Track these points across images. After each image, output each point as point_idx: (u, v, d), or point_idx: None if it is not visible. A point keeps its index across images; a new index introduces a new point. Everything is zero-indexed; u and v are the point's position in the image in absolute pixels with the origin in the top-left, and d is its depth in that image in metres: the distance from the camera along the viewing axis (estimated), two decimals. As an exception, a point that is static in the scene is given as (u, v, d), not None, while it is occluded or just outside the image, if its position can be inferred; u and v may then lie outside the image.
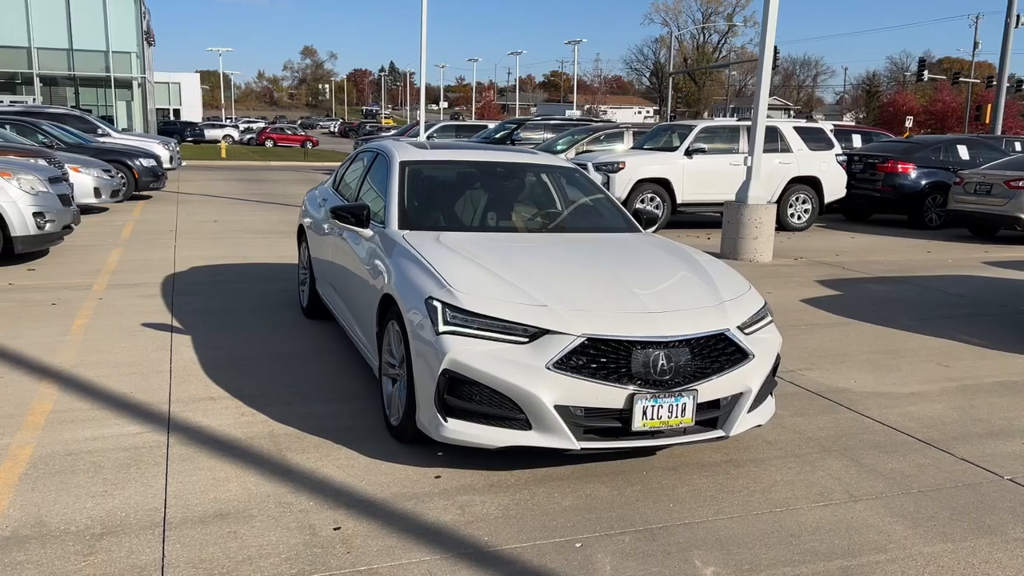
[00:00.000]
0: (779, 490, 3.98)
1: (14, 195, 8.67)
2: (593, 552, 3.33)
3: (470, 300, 3.90)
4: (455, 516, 3.59)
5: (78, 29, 37.30)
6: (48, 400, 4.86)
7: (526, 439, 3.77)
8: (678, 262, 4.70)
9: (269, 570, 3.11)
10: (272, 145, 55.91)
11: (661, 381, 3.79)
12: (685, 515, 3.68)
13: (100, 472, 3.90)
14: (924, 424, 4.95)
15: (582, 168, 13.71)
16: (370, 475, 3.97)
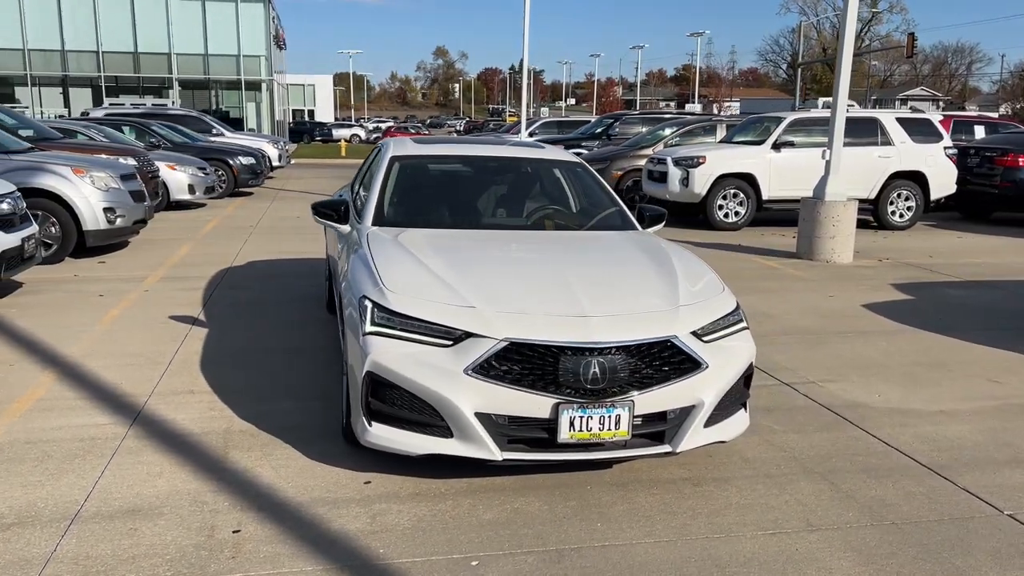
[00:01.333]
0: (728, 514, 3.63)
1: (86, 191, 9.14)
2: (485, 572, 3.12)
3: (398, 300, 3.75)
4: (363, 525, 3.46)
5: (213, 35, 39.39)
6: (42, 388, 5.05)
7: (447, 447, 3.59)
8: (648, 263, 4.39)
9: (146, 571, 3.07)
10: (396, 143, 57.31)
11: (593, 390, 3.52)
12: (608, 536, 3.40)
13: (46, 462, 3.99)
14: (937, 447, 4.43)
15: (661, 163, 13.36)
16: (301, 477, 3.89)
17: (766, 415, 4.84)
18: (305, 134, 54.44)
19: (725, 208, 13.20)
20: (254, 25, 39.93)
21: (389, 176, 5.29)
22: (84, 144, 12.19)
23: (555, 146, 6.16)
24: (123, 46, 38.56)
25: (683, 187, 13.15)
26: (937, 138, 13.96)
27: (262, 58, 40.14)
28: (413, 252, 4.24)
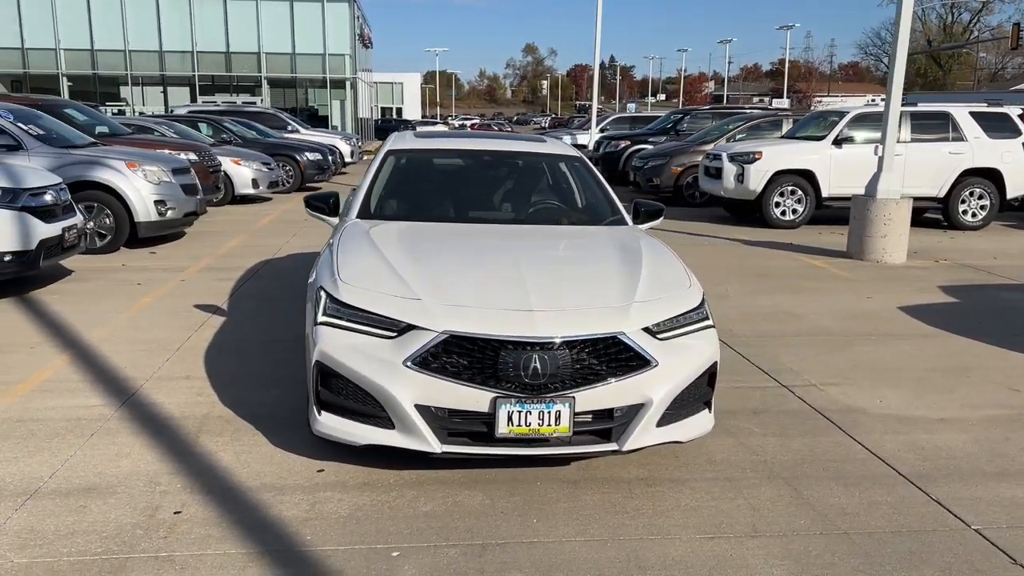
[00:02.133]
0: (672, 516, 3.54)
1: (138, 184, 9.54)
2: (403, 563, 3.13)
3: (348, 291, 3.79)
4: (301, 512, 3.51)
5: (300, 35, 40.45)
6: (50, 370, 5.30)
7: (388, 438, 3.61)
8: (615, 259, 4.30)
9: (80, 546, 3.19)
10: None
11: (534, 385, 3.49)
12: (540, 534, 3.37)
13: (29, 440, 4.20)
14: (924, 456, 4.21)
15: (716, 159, 13.07)
16: (258, 463, 3.97)
17: (750, 417, 4.69)
18: (390, 132, 55.26)
19: (782, 206, 12.82)
20: (339, 24, 40.81)
21: (381, 169, 5.35)
22: (146, 139, 12.72)
23: (558, 140, 6.10)
24: (216, 46, 39.99)
25: (738, 183, 12.83)
26: (1015, 133, 13.22)
27: (346, 56, 41.00)
28: (379, 245, 4.27)
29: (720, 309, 7.22)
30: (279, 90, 44.94)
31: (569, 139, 25.62)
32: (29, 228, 6.95)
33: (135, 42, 39.60)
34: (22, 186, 7.04)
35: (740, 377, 5.41)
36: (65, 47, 39.32)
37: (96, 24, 39.21)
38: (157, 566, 3.07)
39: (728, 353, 5.92)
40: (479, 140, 5.81)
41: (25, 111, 10.12)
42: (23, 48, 39.18)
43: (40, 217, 7.13)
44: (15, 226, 6.84)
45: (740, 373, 5.49)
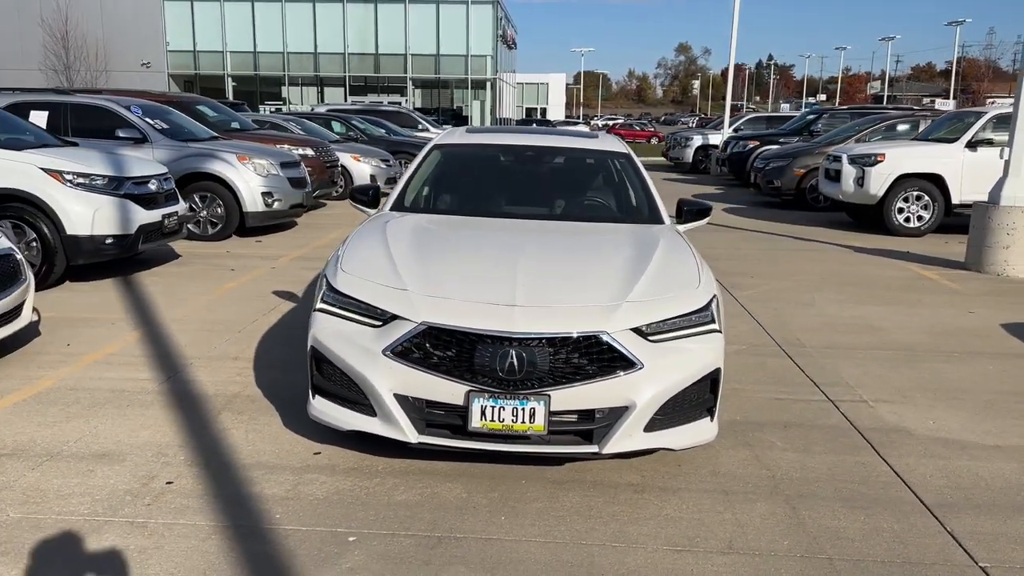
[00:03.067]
0: (647, 525, 3.41)
1: (247, 176, 10.10)
2: (355, 548, 3.17)
3: (346, 281, 3.87)
4: (281, 491, 3.62)
5: (444, 36, 41.55)
6: (119, 344, 5.71)
7: (370, 425, 3.66)
8: (626, 257, 4.15)
9: (70, 507, 3.43)
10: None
11: (510, 381, 3.45)
12: (502, 531, 3.32)
13: (72, 407, 4.54)
14: (957, 484, 3.85)
15: (836, 161, 12.40)
16: (263, 442, 4.13)
17: (778, 431, 4.44)
18: (531, 131, 55.80)
19: (906, 211, 12.01)
20: (482, 26, 41.62)
21: (423, 163, 5.42)
22: (267, 135, 13.41)
23: (610, 136, 5.97)
24: (366, 48, 41.67)
25: (857, 187, 12.13)
26: None
27: (488, 57, 41.75)
28: (389, 236, 4.33)
29: (796, 318, 6.87)
30: (427, 90, 46.38)
31: (700, 139, 25.01)
32: (129, 214, 7.49)
33: (293, 45, 41.83)
34: (125, 175, 7.60)
35: (785, 388, 5.12)
36: (231, 50, 42.04)
37: (259, 28, 41.71)
38: (129, 531, 3.24)
39: (783, 363, 5.62)
40: (528, 136, 5.77)
41: (154, 107, 10.91)
42: (195, 51, 42.21)
43: (141, 204, 7.67)
44: (116, 212, 7.39)
45: (787, 384, 5.20)
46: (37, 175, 7.14)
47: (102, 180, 7.43)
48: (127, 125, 10.14)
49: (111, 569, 2.99)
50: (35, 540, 3.16)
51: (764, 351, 5.90)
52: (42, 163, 7.20)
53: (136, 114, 10.33)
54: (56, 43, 40.62)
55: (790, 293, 7.88)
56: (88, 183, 7.33)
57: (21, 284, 5.29)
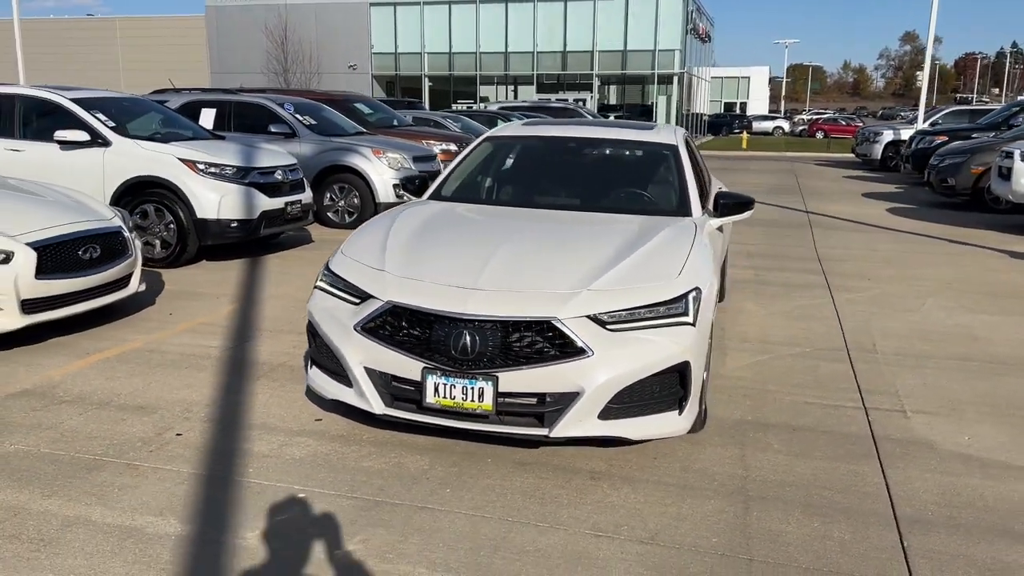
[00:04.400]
0: (581, 509, 3.45)
1: (380, 169, 10.75)
2: (298, 504, 3.46)
3: (338, 261, 4.18)
4: (267, 449, 3.99)
5: (632, 31, 41.34)
6: (212, 316, 6.36)
7: (345, 395, 3.94)
8: (617, 245, 4.14)
9: (89, 448, 3.96)
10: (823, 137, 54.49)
11: (463, 360, 3.61)
12: (439, 502, 3.49)
13: (143, 366, 5.16)
14: (948, 502, 3.57)
15: (1008, 158, 11.31)
16: (278, 407, 4.52)
17: (784, 433, 4.27)
18: (724, 127, 54.36)
19: (1087, 215, 10.73)
20: (671, 20, 40.96)
21: (471, 154, 5.63)
22: (412, 131, 14.07)
23: (667, 128, 5.86)
24: (554, 46, 42.29)
25: (1028, 187, 10.99)
26: None
27: (676, 52, 41.04)
28: (397, 222, 4.56)
29: (888, 322, 6.47)
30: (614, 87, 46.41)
31: (890, 134, 23.36)
32: (253, 201, 8.26)
33: (485, 45, 43.22)
34: (252, 166, 8.38)
35: (821, 393, 4.88)
36: (429, 51, 44.10)
37: (455, 30, 43.45)
38: (122, 471, 3.71)
39: (837, 368, 5.34)
40: (580, 128, 5.80)
41: (305, 104, 11.85)
42: (396, 53, 44.67)
43: (265, 192, 8.42)
44: (241, 198, 8.17)
45: (826, 389, 4.95)
46: (175, 164, 8.04)
47: (231, 170, 8.24)
48: (279, 121, 11.09)
49: (89, 498, 3.45)
50: (47, 471, 3.69)
51: (825, 355, 5.61)
52: (180, 154, 8.09)
53: (288, 111, 11.27)
54: (276, 48, 44.39)
55: (900, 297, 7.36)
56: (218, 172, 8.15)
57: (127, 258, 6.03)
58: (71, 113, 8.29)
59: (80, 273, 5.58)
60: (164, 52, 51.37)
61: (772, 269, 8.65)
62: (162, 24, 53.00)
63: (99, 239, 5.78)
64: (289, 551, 3.09)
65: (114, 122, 8.40)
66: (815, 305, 7.04)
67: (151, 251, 8.19)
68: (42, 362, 5.18)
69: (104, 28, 54.14)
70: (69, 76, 40.38)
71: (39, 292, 5.31)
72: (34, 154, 8.29)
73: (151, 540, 3.14)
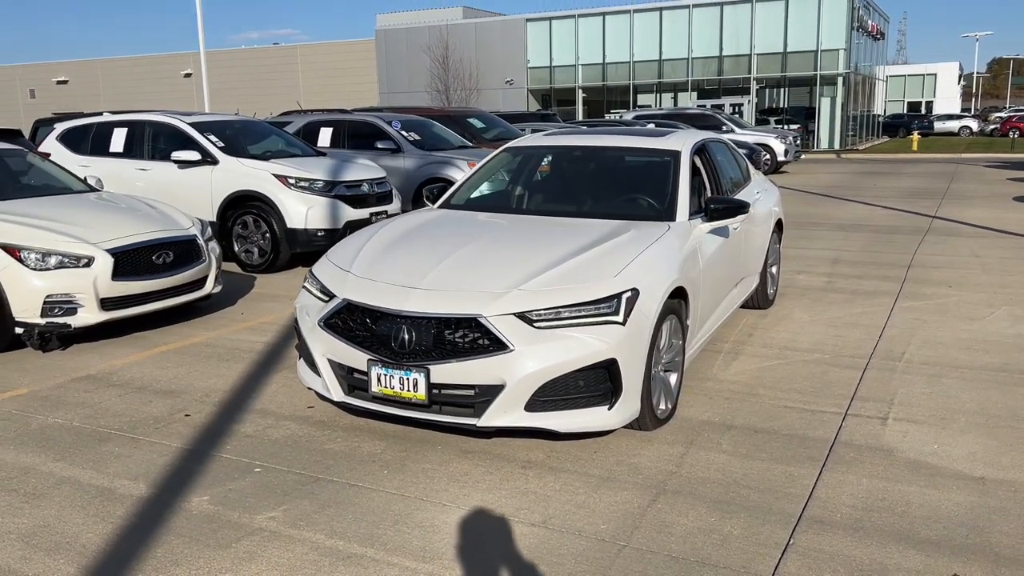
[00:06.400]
0: (494, 494, 3.70)
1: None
2: (251, 476, 3.92)
3: (320, 264, 4.63)
4: (250, 430, 4.49)
5: (793, 32, 39.95)
6: (274, 316, 7.03)
7: (315, 384, 4.38)
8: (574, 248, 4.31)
9: (109, 423, 4.61)
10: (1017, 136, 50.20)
11: (400, 353, 3.96)
12: (371, 481, 3.84)
13: (191, 358, 5.85)
14: (869, 507, 3.52)
15: None
16: (283, 395, 5.03)
17: (742, 436, 4.30)
18: (901, 128, 51.23)
19: None
20: (834, 19, 39.22)
21: (489, 163, 5.95)
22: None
23: (681, 134, 5.88)
24: (710, 52, 41.61)
25: None
26: None
27: (840, 51, 39.24)
28: (384, 228, 4.94)
29: (937, 331, 6.22)
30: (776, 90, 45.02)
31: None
32: (338, 212, 8.96)
33: (640, 54, 43.17)
34: (338, 179, 9.08)
35: (810, 398, 4.82)
36: (583, 63, 44.58)
37: (608, 40, 43.71)
38: (124, 443, 4.32)
39: (846, 375, 5.23)
40: (594, 137, 5.94)
41: (412, 120, 12.56)
42: (551, 66, 45.47)
43: (350, 203, 9.10)
44: (327, 210, 8.89)
45: (818, 394, 4.88)
46: (269, 179, 8.87)
47: (319, 183, 8.97)
48: (385, 137, 11.85)
49: (87, 463, 4.06)
50: (67, 440, 4.36)
51: (841, 362, 5.49)
52: (275, 170, 8.92)
53: (395, 128, 12.00)
54: (439, 67, 46.38)
55: (971, 306, 6.97)
56: (308, 186, 8.91)
57: (201, 263, 6.79)
58: (187, 136, 9.33)
59: (154, 276, 6.37)
60: (339, 75, 54.99)
61: (850, 276, 8.36)
62: (337, 49, 56.66)
63: (173, 246, 6.56)
64: (222, 515, 3.54)
65: (224, 143, 9.36)
66: (868, 313, 6.80)
67: (250, 258, 9.07)
68: (114, 352, 5.98)
69: (287, 55, 58.57)
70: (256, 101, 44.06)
71: (116, 292, 6.11)
72: (158, 172, 9.39)
73: (116, 499, 3.69)
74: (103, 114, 10.55)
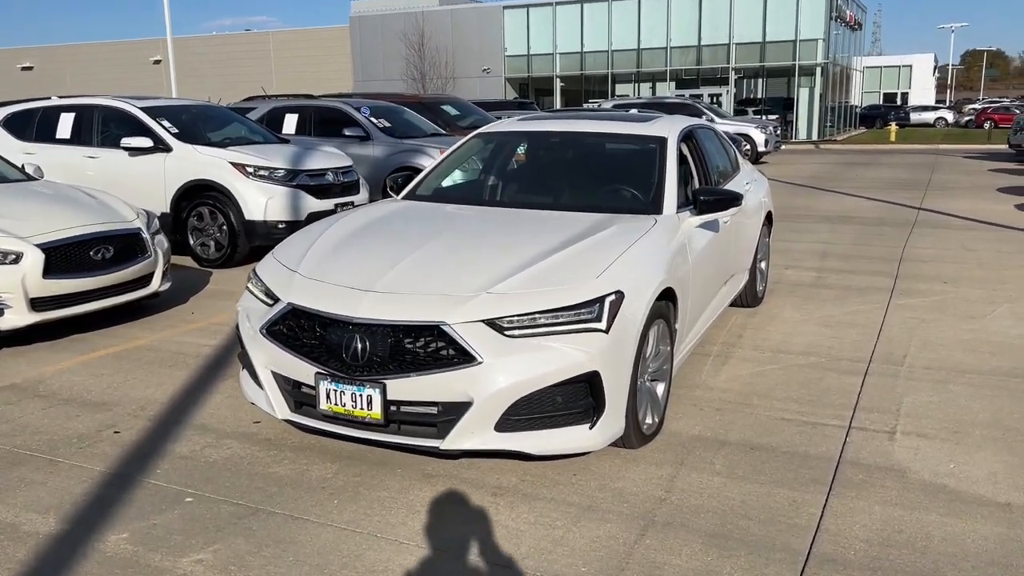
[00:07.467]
0: (459, 528, 3.23)
1: (448, 170, 10.73)
2: (181, 507, 3.41)
3: (263, 262, 4.13)
4: (186, 450, 3.98)
5: (772, 22, 39.63)
6: (227, 316, 6.50)
7: (259, 399, 3.87)
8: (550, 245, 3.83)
9: (28, 442, 4.08)
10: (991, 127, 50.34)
11: (352, 366, 3.46)
12: (318, 513, 3.36)
13: (130, 364, 5.32)
14: (884, 541, 3.09)
15: None
16: (226, 409, 4.51)
17: (738, 453, 3.86)
18: (878, 119, 51.19)
19: None
20: (813, 8, 38.96)
21: (458, 150, 5.45)
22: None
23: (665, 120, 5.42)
24: (688, 41, 41.22)
25: None
26: None
27: (819, 41, 38.99)
28: (337, 222, 4.44)
29: (937, 332, 5.82)
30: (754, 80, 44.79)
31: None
32: (300, 202, 8.42)
33: (617, 43, 42.70)
34: (300, 167, 8.54)
35: (809, 408, 4.39)
36: (560, 51, 44.04)
37: (587, 29, 43.19)
38: (41, 466, 3.80)
39: (845, 381, 4.81)
40: (572, 123, 5.46)
41: (382, 107, 12.02)
42: (528, 55, 44.89)
43: (314, 193, 8.56)
44: (288, 200, 8.35)
45: (817, 404, 4.45)
46: (226, 168, 8.31)
47: (281, 172, 8.42)
48: (353, 124, 11.29)
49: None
50: (-27, 463, 3.84)
51: (839, 366, 5.07)
52: (232, 158, 8.36)
53: (364, 114, 11.45)
54: (414, 54, 45.63)
55: (969, 303, 6.58)
56: (267, 175, 8.36)
57: (146, 258, 6.24)
58: (139, 121, 8.74)
59: (92, 273, 5.82)
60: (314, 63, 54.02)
61: (840, 271, 7.96)
62: (311, 36, 55.67)
63: (114, 240, 6.01)
64: (141, 557, 3.04)
65: (178, 129, 8.77)
66: (863, 311, 6.39)
67: (206, 252, 8.52)
68: (46, 357, 5.44)
69: (260, 42, 57.47)
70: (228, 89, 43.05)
71: (48, 291, 5.56)
72: (107, 160, 8.80)
73: (19, 538, 3.18)
74: (51, 98, 9.91)
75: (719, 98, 40.40)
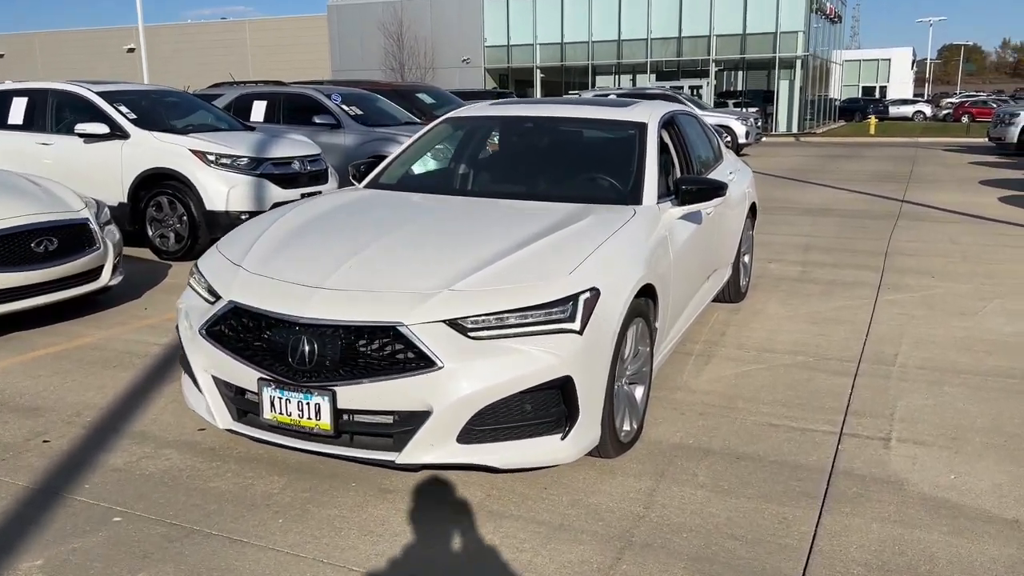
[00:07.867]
0: (414, 552, 2.91)
1: (421, 159, 10.37)
2: (107, 528, 3.07)
3: (206, 256, 3.79)
4: (122, 462, 3.63)
5: (752, 14, 39.44)
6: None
7: (199, 406, 3.53)
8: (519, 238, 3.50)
9: (-52, 452, 3.72)
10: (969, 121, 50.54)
11: (299, 371, 3.12)
12: (259, 535, 3.02)
13: (70, 364, 4.94)
14: (883, 565, 2.80)
15: None
16: (169, 414, 4.17)
17: (723, 463, 3.56)
18: (857, 112, 51.23)
19: None
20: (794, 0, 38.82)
21: (424, 136, 5.12)
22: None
23: (644, 106, 5.11)
24: (669, 32, 40.96)
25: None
26: None
27: (799, 34, 38.85)
28: (289, 212, 4.10)
29: (928, 329, 5.56)
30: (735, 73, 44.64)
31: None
32: (264, 192, 8.04)
33: (598, 34, 42.37)
34: (265, 156, 8.16)
35: (798, 412, 4.11)
36: (541, 42, 43.65)
37: (567, 20, 42.82)
38: (-43, 480, 3.43)
39: (835, 382, 4.53)
40: (546, 107, 5.14)
41: (355, 94, 11.63)
42: (508, 46, 44.47)
43: (279, 183, 8.18)
44: (251, 190, 7.97)
45: (806, 408, 4.16)
46: (186, 156, 7.92)
47: (244, 160, 8.04)
48: (324, 111, 10.90)
49: None
50: None
51: (828, 366, 4.79)
52: (192, 145, 7.96)
53: (335, 102, 11.06)
54: (393, 44, 45.06)
55: (959, 299, 6.33)
56: (230, 163, 7.97)
57: (94, 250, 5.86)
58: (94, 106, 8.32)
59: (33, 266, 5.43)
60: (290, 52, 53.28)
61: (825, 265, 7.70)
62: (287, 25, 54.93)
63: (58, 231, 5.62)
64: (54, 587, 2.69)
65: (137, 115, 8.36)
66: (850, 307, 6.12)
67: (166, 243, 8.14)
68: (-19, 358, 5.05)
69: (235, 30, 56.64)
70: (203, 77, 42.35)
71: (-16, 286, 5.17)
72: (62, 148, 8.38)
73: (-81, 566, 2.82)
74: (4, 82, 9.45)
75: (699, 90, 40.11)
